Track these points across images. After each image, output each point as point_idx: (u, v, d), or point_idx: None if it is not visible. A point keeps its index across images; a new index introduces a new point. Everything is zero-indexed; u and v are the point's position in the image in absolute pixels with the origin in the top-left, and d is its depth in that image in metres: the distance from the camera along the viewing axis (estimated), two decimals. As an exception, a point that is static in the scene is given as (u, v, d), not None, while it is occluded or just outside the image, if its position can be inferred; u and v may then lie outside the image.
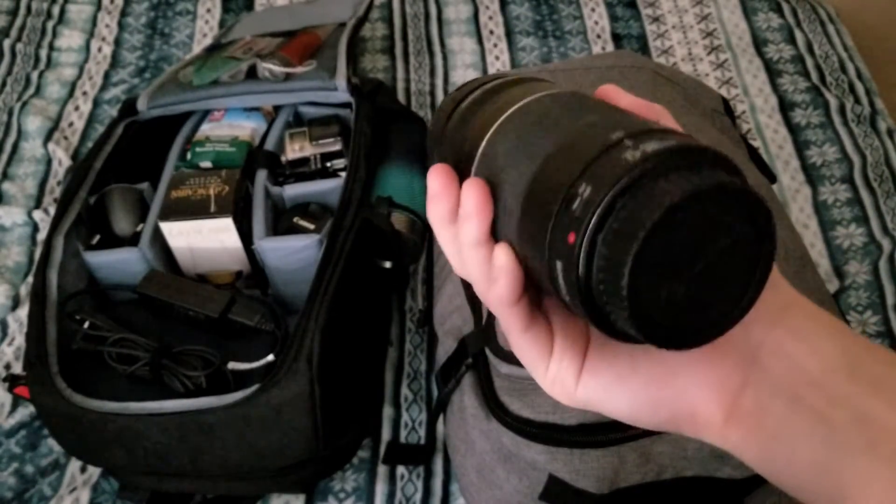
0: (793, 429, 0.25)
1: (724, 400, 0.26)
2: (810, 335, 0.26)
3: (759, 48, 1.05)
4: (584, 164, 0.23)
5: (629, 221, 0.22)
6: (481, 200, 0.27)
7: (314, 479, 0.70)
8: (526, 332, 0.28)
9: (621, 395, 0.27)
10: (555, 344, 0.28)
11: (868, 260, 0.83)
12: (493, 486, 0.62)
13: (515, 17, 1.11)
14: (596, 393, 0.28)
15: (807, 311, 0.27)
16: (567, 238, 0.23)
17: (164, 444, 0.62)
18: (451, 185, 0.28)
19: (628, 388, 0.27)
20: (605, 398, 0.28)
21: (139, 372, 0.65)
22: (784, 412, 0.25)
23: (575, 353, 0.28)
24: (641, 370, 0.27)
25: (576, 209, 0.23)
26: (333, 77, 0.80)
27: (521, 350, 0.28)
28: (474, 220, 0.27)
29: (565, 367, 0.28)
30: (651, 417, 0.27)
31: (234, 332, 0.68)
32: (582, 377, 0.28)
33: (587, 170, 0.23)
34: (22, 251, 0.87)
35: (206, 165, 0.77)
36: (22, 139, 0.97)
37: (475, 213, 0.27)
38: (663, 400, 0.27)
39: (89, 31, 1.11)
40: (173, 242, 0.73)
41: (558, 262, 0.24)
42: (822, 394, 0.25)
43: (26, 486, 0.71)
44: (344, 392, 0.67)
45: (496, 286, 0.26)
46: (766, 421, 0.26)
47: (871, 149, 0.92)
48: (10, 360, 0.78)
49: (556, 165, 0.25)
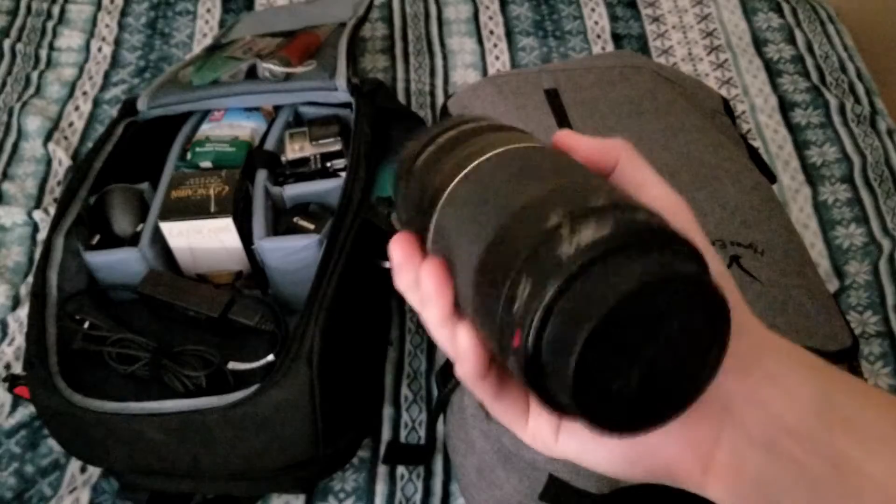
0: (773, 479, 0.25)
1: (699, 455, 0.26)
2: (784, 379, 0.26)
3: (760, 48, 1.05)
4: (522, 258, 0.23)
5: (568, 325, 0.21)
6: (439, 285, 0.26)
7: (314, 479, 0.70)
8: (497, 400, 0.28)
9: (598, 452, 0.28)
10: (531, 402, 0.28)
11: (868, 260, 0.83)
12: (493, 486, 0.62)
13: (515, 16, 1.11)
14: (574, 448, 0.28)
15: (780, 352, 0.27)
16: (513, 340, 0.23)
17: (164, 444, 0.62)
18: (412, 256, 0.29)
19: (603, 445, 0.27)
20: (583, 453, 0.28)
21: (139, 372, 0.65)
22: (763, 462, 0.25)
23: None
24: None
25: (517, 310, 0.23)
26: (333, 77, 0.80)
27: (496, 413, 0.28)
28: (433, 304, 0.27)
29: (543, 425, 0.28)
30: (628, 472, 0.27)
31: (234, 332, 0.68)
32: (560, 434, 0.28)
33: (525, 264, 0.23)
34: (22, 251, 0.87)
35: (206, 165, 0.77)
36: (22, 139, 0.97)
37: (434, 298, 0.27)
38: (638, 456, 0.27)
39: (89, 31, 1.10)
40: (173, 242, 0.73)
41: (511, 357, 0.23)
42: (799, 441, 0.25)
43: (26, 486, 0.71)
44: (344, 392, 0.67)
45: (461, 365, 0.26)
46: (745, 472, 0.25)
47: (871, 149, 0.92)
48: (10, 360, 0.78)
49: (498, 255, 0.24)
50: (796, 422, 0.25)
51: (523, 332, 0.22)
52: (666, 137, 0.73)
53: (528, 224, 0.24)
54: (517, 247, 0.23)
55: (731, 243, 0.64)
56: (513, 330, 0.23)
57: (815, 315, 0.61)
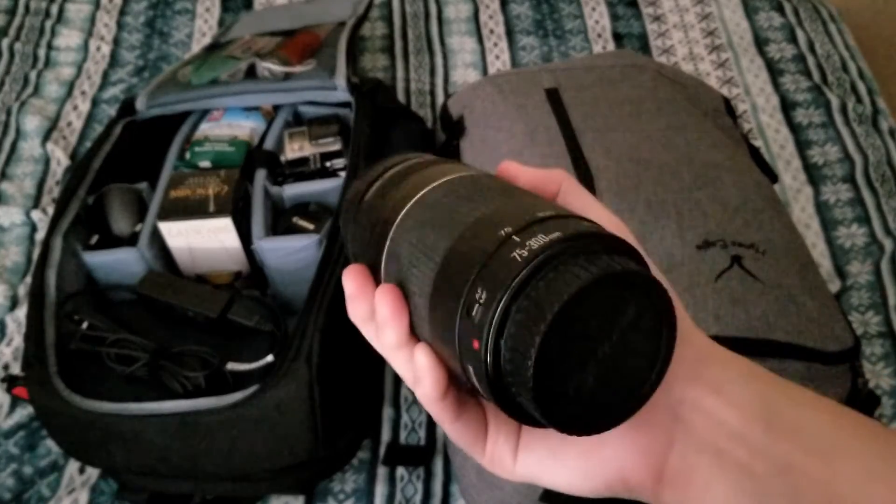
0: (720, 484, 0.26)
1: (652, 463, 0.27)
2: (727, 386, 0.26)
3: (761, 47, 1.05)
4: (477, 267, 0.24)
5: (525, 325, 0.22)
6: (395, 308, 0.27)
7: (314, 480, 0.70)
8: (456, 422, 0.28)
9: (555, 469, 0.28)
10: (489, 425, 0.29)
11: (870, 260, 0.83)
12: (494, 487, 0.62)
13: (516, 16, 1.10)
14: (533, 468, 0.29)
15: (722, 361, 0.28)
16: (472, 345, 0.24)
17: (163, 444, 0.62)
18: (365, 286, 0.29)
19: (560, 461, 0.28)
20: (541, 472, 0.28)
21: (138, 372, 0.65)
22: (710, 468, 0.26)
23: (509, 432, 0.29)
24: (571, 444, 0.28)
25: (475, 315, 0.24)
26: (333, 76, 0.80)
27: (455, 436, 0.29)
28: (389, 327, 0.27)
29: (501, 446, 0.29)
30: (585, 486, 0.28)
31: (233, 333, 0.68)
32: (518, 454, 0.29)
33: (480, 273, 0.24)
34: (20, 251, 0.86)
35: (205, 165, 0.77)
36: (20, 139, 0.97)
37: (389, 322, 0.27)
38: (594, 470, 0.28)
39: (88, 31, 1.10)
40: (172, 242, 0.73)
41: (469, 366, 0.24)
42: (744, 446, 0.25)
43: (25, 488, 0.70)
44: (343, 393, 0.67)
45: (420, 387, 0.27)
46: (694, 479, 0.26)
47: (873, 148, 0.92)
48: (9, 360, 0.78)
49: (453, 269, 0.25)
50: (740, 428, 0.26)
51: (482, 335, 0.23)
52: (667, 137, 0.73)
53: (481, 237, 0.25)
54: (471, 259, 0.24)
55: (732, 243, 0.63)
56: (472, 335, 0.24)
57: (816, 315, 0.61)
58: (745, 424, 0.26)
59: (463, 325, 0.24)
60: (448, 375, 0.27)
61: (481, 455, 0.29)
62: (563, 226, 0.24)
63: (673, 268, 0.62)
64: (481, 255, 0.24)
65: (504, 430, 0.29)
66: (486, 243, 0.24)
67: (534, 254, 0.23)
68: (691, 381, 0.27)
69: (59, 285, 0.71)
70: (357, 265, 0.30)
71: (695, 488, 0.26)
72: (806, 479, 0.24)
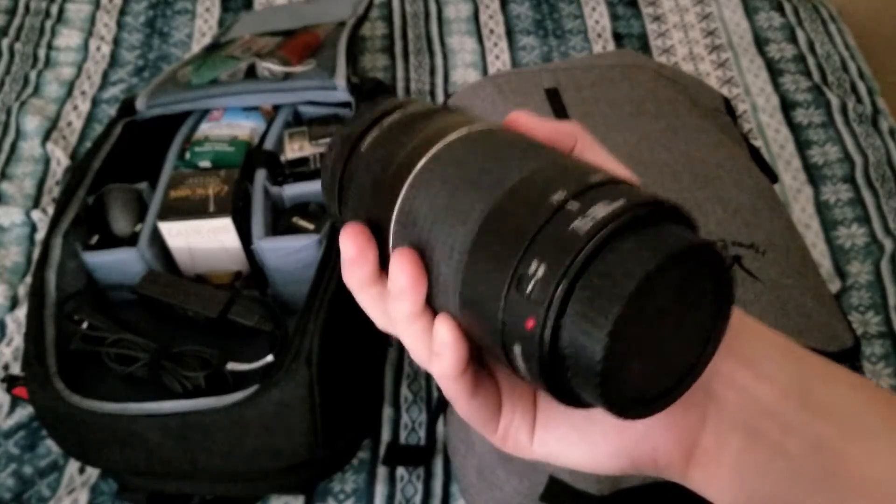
0: (752, 462, 0.25)
1: (685, 440, 0.26)
2: (761, 362, 0.26)
3: (761, 47, 1.04)
4: (529, 236, 0.21)
5: (597, 301, 0.20)
6: (414, 276, 0.24)
7: (313, 481, 0.70)
8: (473, 399, 0.26)
9: (579, 447, 0.27)
10: (503, 401, 0.27)
11: (870, 260, 0.83)
12: (494, 488, 0.61)
13: (516, 15, 1.10)
14: (553, 446, 0.27)
15: (756, 335, 0.26)
16: (525, 323, 0.21)
17: (163, 444, 0.62)
18: (368, 247, 0.26)
19: (586, 439, 0.26)
20: (562, 450, 0.27)
21: (138, 372, 0.65)
22: (742, 446, 0.25)
23: (525, 408, 0.27)
24: (598, 420, 0.26)
25: (531, 292, 0.21)
26: (333, 76, 0.80)
27: (468, 414, 0.27)
28: (407, 297, 0.25)
29: (517, 423, 0.27)
30: (611, 465, 0.27)
31: (233, 333, 0.68)
32: (536, 432, 0.27)
33: (534, 244, 0.21)
34: (20, 251, 0.86)
35: (205, 165, 0.77)
36: (20, 139, 0.96)
37: (408, 291, 0.24)
38: (623, 448, 0.26)
39: (88, 31, 1.10)
40: (172, 242, 0.73)
41: (516, 345, 0.22)
42: (777, 423, 0.24)
43: (24, 488, 0.70)
44: (343, 393, 0.67)
45: (440, 361, 0.25)
46: (725, 457, 0.25)
47: (873, 148, 0.92)
48: (9, 360, 0.78)
49: (495, 236, 0.22)
50: (773, 405, 0.25)
51: (540, 313, 0.21)
52: (667, 137, 0.73)
53: (529, 202, 0.22)
54: (520, 226, 0.22)
55: (732, 243, 0.63)
56: (525, 312, 0.21)
57: (816, 315, 0.61)
58: (779, 401, 0.25)
59: (512, 300, 0.22)
60: (471, 349, 0.25)
61: (493, 433, 0.28)
62: (622, 193, 0.22)
63: (673, 268, 0.62)
64: (533, 221, 0.21)
65: (520, 407, 0.27)
66: (538, 209, 0.22)
67: (599, 224, 0.21)
68: (724, 354, 0.25)
69: (59, 285, 0.71)
70: (357, 224, 0.26)
71: (725, 467, 0.25)
72: (840, 460, 0.24)
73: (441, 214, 0.24)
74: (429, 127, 0.27)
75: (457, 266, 0.23)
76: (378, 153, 0.27)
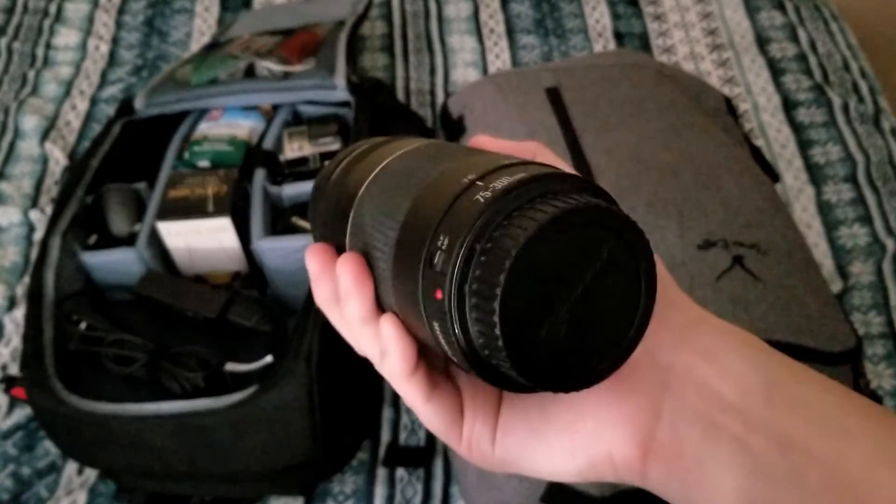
0: (712, 459, 0.24)
1: (638, 435, 0.25)
2: (722, 355, 0.25)
3: (762, 46, 1.04)
4: (440, 215, 0.22)
5: (491, 265, 0.21)
6: (357, 276, 0.25)
7: (313, 481, 0.69)
8: (429, 402, 0.26)
9: (537, 449, 0.26)
10: (465, 408, 0.27)
11: (872, 260, 0.83)
12: (494, 489, 0.61)
13: (516, 14, 1.10)
14: (513, 450, 0.27)
15: (716, 328, 0.26)
16: (435, 296, 0.22)
17: (162, 445, 0.62)
18: (330, 263, 0.27)
19: (542, 440, 0.26)
20: (521, 454, 0.27)
21: (136, 373, 0.65)
22: (701, 441, 0.24)
23: (487, 414, 0.27)
24: (552, 419, 0.26)
25: (437, 264, 0.22)
26: (332, 75, 0.80)
27: (428, 419, 0.27)
28: (353, 297, 0.25)
29: (478, 430, 0.27)
30: (570, 468, 0.26)
31: (232, 333, 0.68)
32: (497, 437, 0.27)
33: (443, 221, 0.22)
34: (18, 251, 0.86)
35: (204, 165, 0.77)
36: (18, 138, 0.96)
37: (353, 290, 0.25)
38: (578, 446, 0.26)
39: (86, 30, 1.10)
40: (171, 242, 0.73)
41: (434, 322, 0.23)
42: (740, 419, 0.23)
43: (23, 489, 0.70)
44: (343, 393, 0.67)
45: (388, 360, 0.25)
46: (684, 452, 0.24)
47: (875, 148, 0.92)
48: (7, 361, 0.78)
49: (415, 224, 0.23)
50: (736, 399, 0.24)
51: (445, 281, 0.22)
52: (668, 136, 0.72)
53: (444, 188, 0.23)
54: (433, 208, 0.23)
55: (734, 243, 0.63)
56: (435, 285, 0.22)
57: (818, 316, 0.60)
58: (743, 397, 0.24)
59: (425, 277, 0.22)
60: (418, 347, 0.25)
61: (458, 442, 0.27)
62: (530, 169, 0.23)
63: (674, 268, 0.62)
64: (444, 202, 0.23)
65: (481, 412, 0.27)
66: (449, 191, 0.23)
67: (497, 193, 0.21)
68: (681, 346, 0.25)
69: (58, 285, 0.70)
70: (320, 244, 0.28)
71: (685, 462, 0.24)
72: (809, 458, 0.23)
73: (378, 217, 0.25)
74: (385, 148, 0.29)
75: (389, 257, 0.24)
76: (341, 179, 0.29)
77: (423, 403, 0.26)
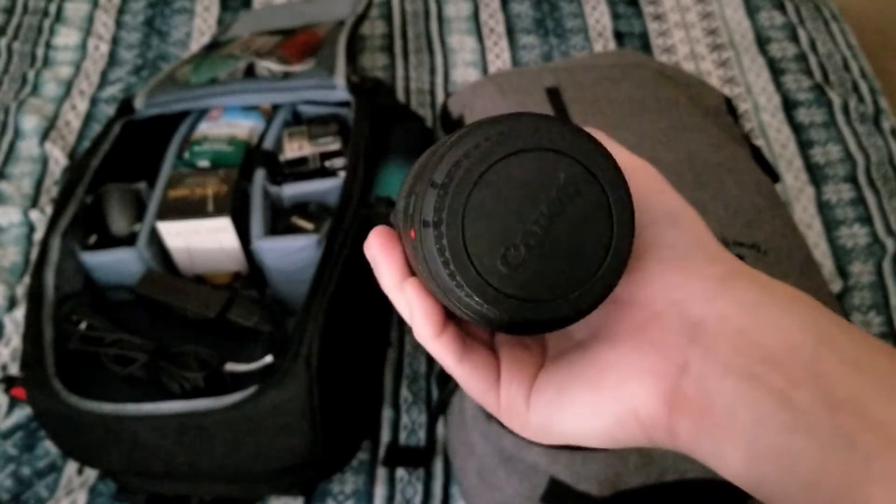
0: (748, 412, 0.22)
1: (661, 388, 0.24)
2: (764, 308, 0.23)
3: (762, 46, 1.04)
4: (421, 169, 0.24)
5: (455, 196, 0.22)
6: (384, 245, 0.27)
7: (313, 482, 0.69)
8: (461, 364, 0.27)
9: (564, 408, 0.26)
10: (503, 373, 0.27)
11: (872, 260, 0.83)
12: (494, 489, 0.61)
13: (516, 14, 1.10)
14: (543, 411, 0.26)
15: (758, 282, 0.24)
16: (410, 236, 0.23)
17: (162, 445, 0.62)
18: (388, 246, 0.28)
19: (567, 398, 0.26)
20: (551, 416, 0.26)
21: (136, 373, 0.65)
22: (736, 394, 0.22)
23: (523, 378, 0.27)
24: (577, 376, 0.26)
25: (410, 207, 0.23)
26: (332, 75, 0.80)
27: (463, 381, 0.27)
28: (382, 265, 0.27)
29: (514, 394, 0.27)
30: (596, 426, 0.25)
31: (232, 333, 0.68)
32: (531, 399, 0.27)
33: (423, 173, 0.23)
34: (18, 251, 0.86)
35: (204, 165, 0.77)
36: (18, 138, 0.96)
37: (381, 260, 0.27)
38: (601, 402, 0.25)
39: (86, 30, 1.10)
40: (171, 242, 0.73)
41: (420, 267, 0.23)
42: (782, 371, 0.21)
43: (22, 489, 0.70)
44: (343, 394, 0.66)
45: (415, 322, 0.26)
46: (714, 407, 0.22)
47: (875, 148, 0.92)
48: (7, 361, 0.78)
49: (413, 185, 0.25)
50: (780, 351, 0.22)
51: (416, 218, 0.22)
52: (668, 136, 0.72)
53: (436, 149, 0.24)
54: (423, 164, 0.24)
55: (734, 243, 0.63)
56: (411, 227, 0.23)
57: (819, 316, 0.60)
58: (787, 350, 0.22)
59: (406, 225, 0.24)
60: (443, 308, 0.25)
61: (495, 405, 0.27)
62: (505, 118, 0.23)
63: (674, 268, 0.61)
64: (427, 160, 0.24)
65: (518, 376, 0.27)
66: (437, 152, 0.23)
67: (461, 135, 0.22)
68: (716, 298, 0.23)
69: (58, 285, 0.70)
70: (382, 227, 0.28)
71: (716, 418, 0.22)
72: (861, 420, 0.20)
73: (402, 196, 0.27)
74: None
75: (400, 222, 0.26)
76: None
77: (455, 365, 0.27)
